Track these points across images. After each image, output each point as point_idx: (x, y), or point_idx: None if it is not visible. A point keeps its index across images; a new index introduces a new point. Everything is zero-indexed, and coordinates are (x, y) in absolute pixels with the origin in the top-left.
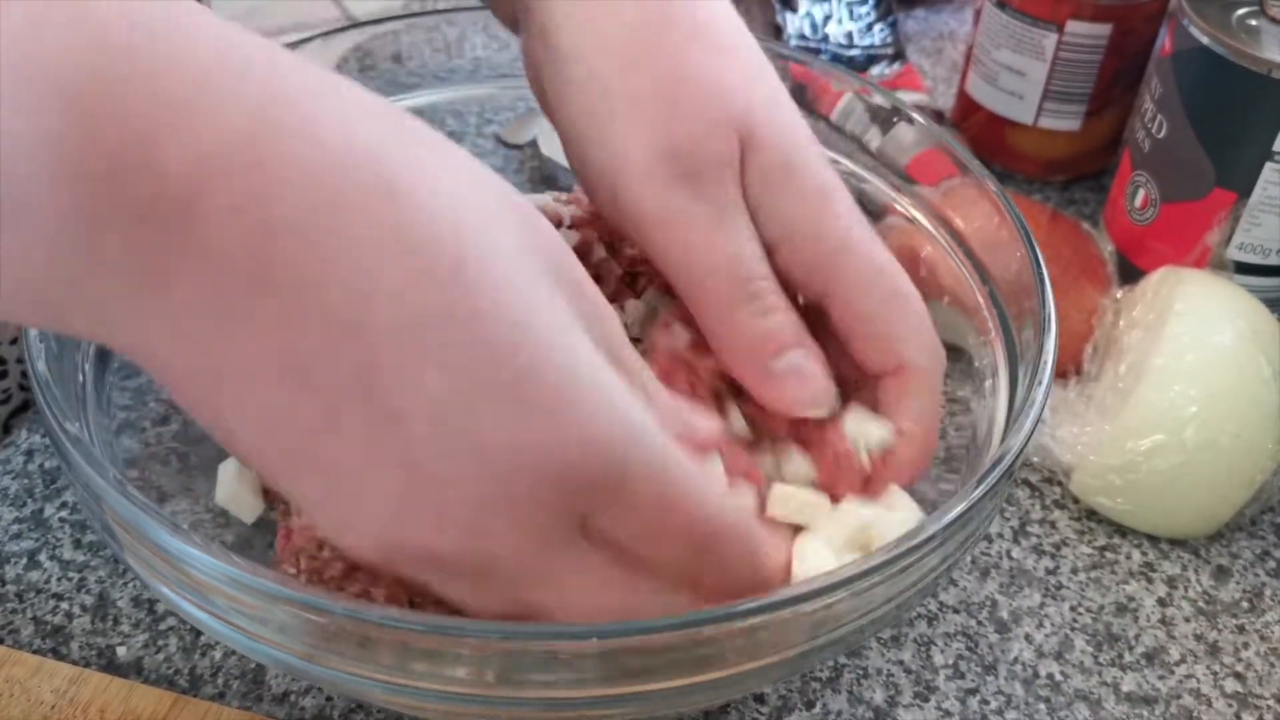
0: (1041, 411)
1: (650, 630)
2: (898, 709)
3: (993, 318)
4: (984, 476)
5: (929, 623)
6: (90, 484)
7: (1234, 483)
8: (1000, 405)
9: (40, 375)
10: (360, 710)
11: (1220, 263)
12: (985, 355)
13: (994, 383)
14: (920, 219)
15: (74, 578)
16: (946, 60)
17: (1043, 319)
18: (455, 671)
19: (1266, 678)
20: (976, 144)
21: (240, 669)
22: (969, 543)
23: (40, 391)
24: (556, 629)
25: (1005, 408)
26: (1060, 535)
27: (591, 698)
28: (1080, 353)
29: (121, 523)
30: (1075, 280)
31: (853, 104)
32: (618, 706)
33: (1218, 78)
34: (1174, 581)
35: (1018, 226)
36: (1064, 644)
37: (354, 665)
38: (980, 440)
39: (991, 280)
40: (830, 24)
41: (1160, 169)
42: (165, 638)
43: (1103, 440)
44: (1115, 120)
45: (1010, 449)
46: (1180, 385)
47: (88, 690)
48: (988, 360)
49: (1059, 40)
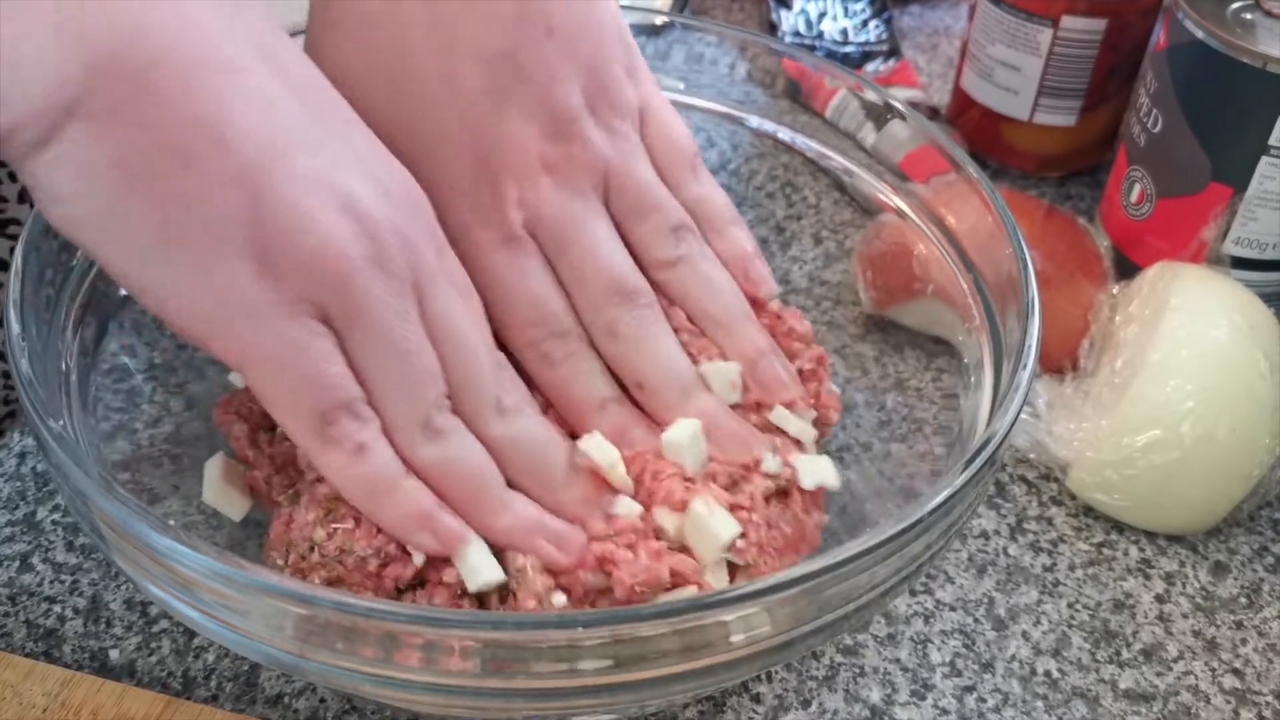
0: (1026, 396)
1: (636, 618)
2: (894, 707)
3: (979, 310)
4: (969, 462)
5: (925, 620)
6: (74, 481)
7: (1231, 478)
8: (985, 395)
9: (24, 373)
10: (354, 712)
11: (1216, 258)
12: (972, 347)
13: (979, 376)
14: (911, 215)
15: (66, 580)
16: (942, 56)
17: (1025, 304)
18: (442, 663)
19: (1265, 674)
20: (972, 140)
21: (234, 671)
22: (953, 529)
23: (24, 390)
24: (542, 619)
25: (990, 398)
26: (1057, 532)
27: (581, 687)
28: (1076, 348)
29: (107, 520)
30: (1071, 276)
31: (847, 100)
32: (607, 696)
33: (1213, 72)
34: (1172, 578)
35: (1002, 217)
36: (1061, 641)
37: (343, 659)
38: (966, 431)
39: (979, 274)
40: (825, 20)
41: (1156, 164)
42: (158, 640)
43: (1099, 436)
44: (1111, 115)
45: (995, 433)
46: (1177, 380)
47: (80, 693)
48: (974, 354)
49: (1054, 35)
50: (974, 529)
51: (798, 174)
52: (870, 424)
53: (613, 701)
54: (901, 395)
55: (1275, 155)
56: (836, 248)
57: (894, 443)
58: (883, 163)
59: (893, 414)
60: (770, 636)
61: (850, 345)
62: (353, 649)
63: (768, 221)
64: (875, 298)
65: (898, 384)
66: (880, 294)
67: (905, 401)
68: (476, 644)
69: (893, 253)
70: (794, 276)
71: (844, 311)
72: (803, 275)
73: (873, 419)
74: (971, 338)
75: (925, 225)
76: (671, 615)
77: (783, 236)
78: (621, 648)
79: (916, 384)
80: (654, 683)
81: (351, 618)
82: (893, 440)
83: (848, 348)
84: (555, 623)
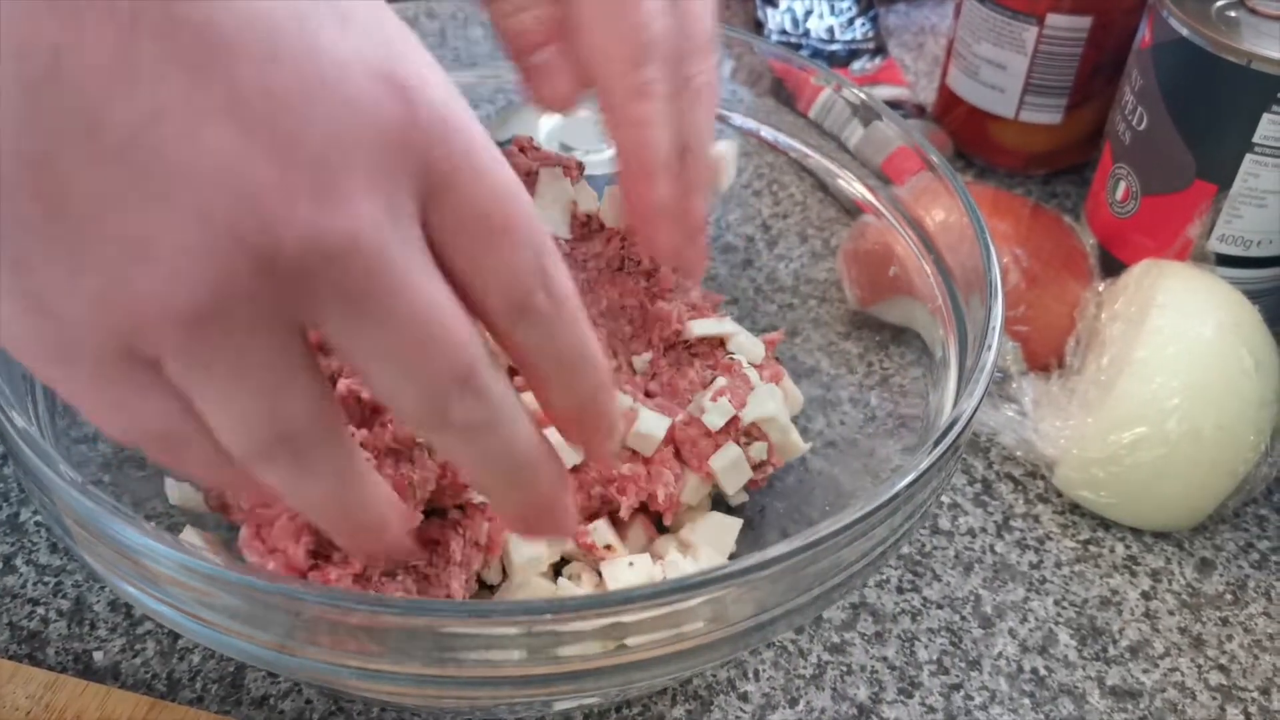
0: (991, 377)
1: (617, 602)
2: (881, 705)
3: (946, 303)
4: (934, 444)
5: (913, 618)
6: (39, 477)
7: (1217, 474)
8: (952, 384)
9: None
10: (340, 712)
11: (1202, 255)
12: (940, 341)
13: (946, 370)
14: (888, 215)
15: (50, 582)
16: (928, 54)
17: (989, 286)
18: (421, 652)
19: (1250, 670)
20: (958, 138)
21: (219, 673)
22: (920, 512)
23: None
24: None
25: (955, 385)
26: (1044, 529)
27: (561, 673)
28: (1062, 346)
29: (74, 515)
30: (1057, 274)
31: (831, 100)
32: (590, 682)
33: (1197, 69)
34: (1158, 575)
35: (968, 209)
36: (1048, 638)
37: (325, 654)
38: (932, 423)
39: (948, 270)
40: (811, 19)
41: (1141, 162)
42: (143, 642)
43: (1085, 433)
44: (1096, 113)
45: (961, 414)
46: (1162, 377)
47: (63, 696)
48: (943, 349)
49: (1039, 33)
50: (961, 527)
51: (783, 172)
52: (855, 420)
53: (596, 686)
54: (886, 391)
55: (1260, 153)
56: (822, 246)
57: (879, 439)
58: (865, 164)
59: (877, 410)
60: (726, 625)
61: (836, 343)
62: (336, 644)
63: (754, 220)
64: (860, 295)
65: (882, 380)
66: (865, 291)
67: (890, 398)
68: (460, 634)
69: (876, 251)
70: (780, 274)
71: (829, 309)
72: (789, 273)
73: (858, 415)
74: (940, 331)
75: (900, 225)
76: (646, 600)
77: (769, 235)
78: (605, 633)
79: (900, 380)
80: (632, 666)
81: (335, 609)
82: (877, 436)
83: (833, 345)
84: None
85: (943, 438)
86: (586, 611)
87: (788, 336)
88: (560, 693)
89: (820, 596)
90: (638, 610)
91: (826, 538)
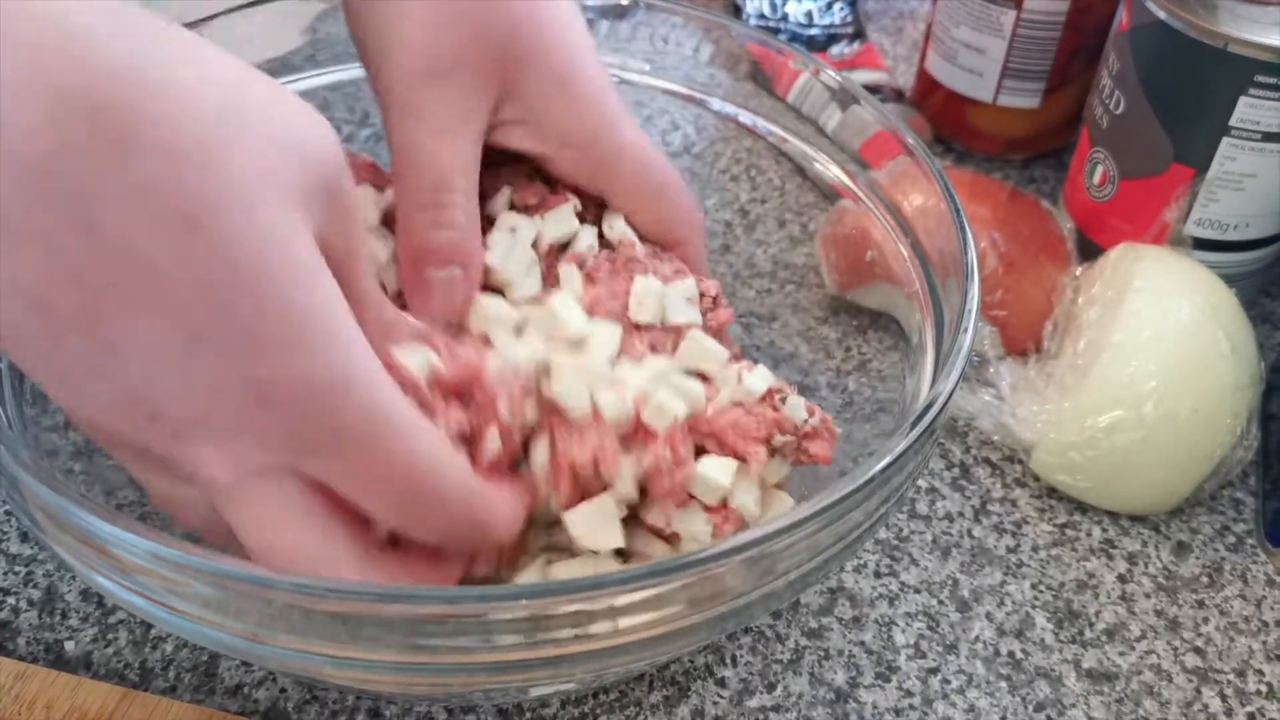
0: (967, 360)
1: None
2: (859, 690)
3: (923, 287)
4: (910, 427)
5: (890, 603)
6: (4, 467)
7: (1193, 457)
8: (929, 368)
9: None
10: (315, 701)
11: (1179, 239)
12: (917, 326)
13: (923, 355)
14: (865, 200)
15: (20, 572)
16: (907, 39)
17: (965, 268)
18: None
19: (1226, 652)
20: (937, 123)
21: (192, 662)
22: (895, 498)
23: None
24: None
25: (932, 369)
26: (1021, 513)
27: (536, 659)
28: (1040, 330)
29: (41, 506)
30: (1035, 258)
31: (810, 84)
32: (566, 667)
33: (1174, 52)
34: (1134, 558)
35: (945, 194)
36: (1025, 622)
37: (297, 641)
38: (909, 404)
39: (925, 254)
40: (790, 3)
41: (1118, 145)
42: (115, 631)
43: (1063, 417)
44: (1074, 97)
45: (937, 397)
46: (1139, 361)
47: (33, 686)
48: (919, 334)
49: (1017, 17)
50: (938, 511)
51: (761, 157)
52: (833, 405)
53: (572, 672)
54: (864, 376)
55: (1236, 136)
56: (800, 231)
57: (857, 423)
58: (843, 148)
59: (855, 395)
60: (698, 610)
61: (814, 328)
62: (309, 631)
63: (732, 205)
64: (838, 280)
65: (860, 365)
66: (843, 276)
67: (868, 383)
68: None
69: (854, 236)
70: (758, 260)
71: (808, 294)
72: (767, 258)
73: (836, 400)
74: (917, 316)
75: (878, 210)
76: (622, 584)
77: (747, 220)
78: (579, 618)
79: (878, 365)
80: (608, 652)
81: (307, 596)
82: (855, 421)
83: (812, 330)
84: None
85: (918, 421)
86: (559, 597)
87: (766, 321)
88: (536, 679)
89: (797, 581)
90: (612, 595)
91: (802, 521)
